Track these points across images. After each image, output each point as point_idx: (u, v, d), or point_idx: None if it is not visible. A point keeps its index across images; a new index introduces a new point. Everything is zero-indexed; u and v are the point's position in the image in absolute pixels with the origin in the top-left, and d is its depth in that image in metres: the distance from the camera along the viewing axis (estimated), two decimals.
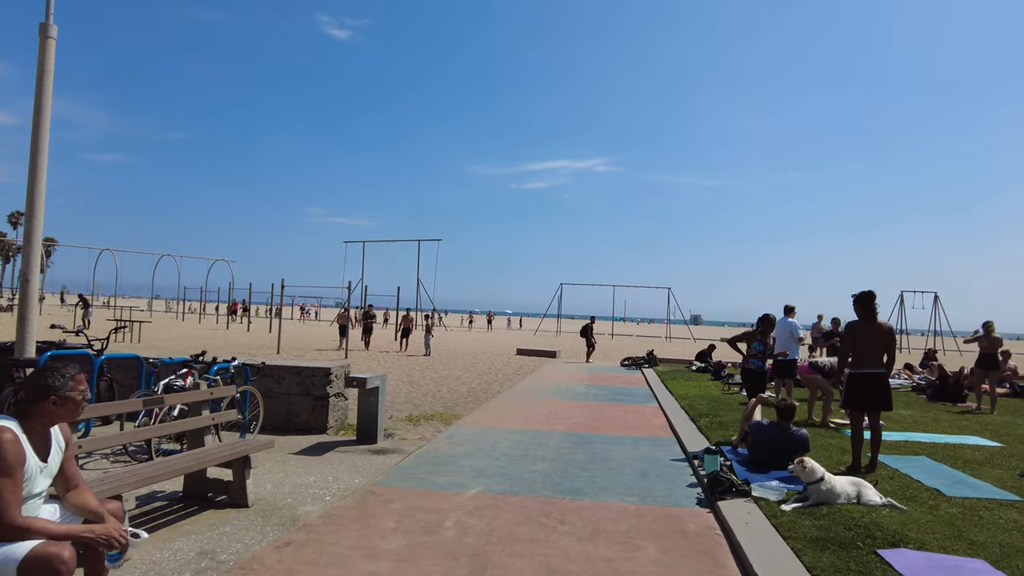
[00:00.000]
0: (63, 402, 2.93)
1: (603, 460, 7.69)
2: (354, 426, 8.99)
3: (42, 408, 2.90)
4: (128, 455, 6.62)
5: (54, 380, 2.91)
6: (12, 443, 2.72)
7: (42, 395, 2.89)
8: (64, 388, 2.93)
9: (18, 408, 2.92)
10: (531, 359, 23.87)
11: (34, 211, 7.80)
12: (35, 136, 7.84)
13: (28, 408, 2.90)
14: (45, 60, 7.87)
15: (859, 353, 7.04)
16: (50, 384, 2.90)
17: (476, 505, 5.73)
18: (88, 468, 6.22)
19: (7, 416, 2.86)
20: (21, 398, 2.98)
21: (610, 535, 5.11)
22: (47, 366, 2.98)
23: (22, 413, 2.89)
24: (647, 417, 11.10)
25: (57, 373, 2.94)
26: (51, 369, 2.95)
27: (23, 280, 7.85)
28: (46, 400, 2.90)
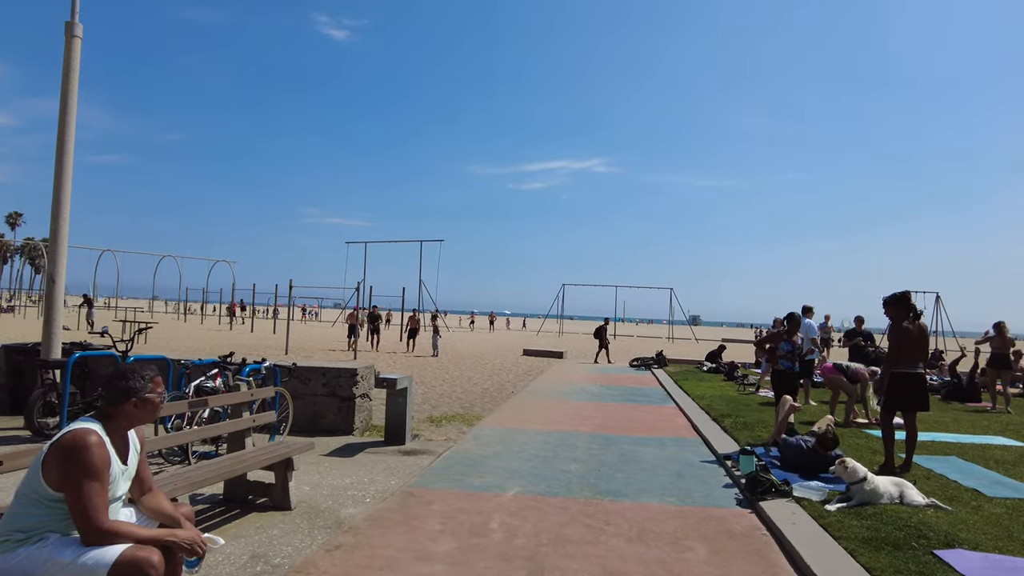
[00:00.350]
0: (143, 404, 2.89)
1: (634, 461, 7.65)
2: (378, 427, 8.96)
3: (123, 410, 2.86)
4: (162, 457, 6.57)
5: (135, 382, 2.87)
6: (99, 446, 2.68)
7: (124, 397, 2.84)
8: (144, 390, 2.89)
9: (99, 410, 2.87)
10: (539, 359, 23.84)
11: (60, 211, 7.76)
12: (61, 135, 7.79)
13: (109, 410, 2.86)
14: (71, 59, 7.83)
15: (903, 352, 7.00)
16: (131, 386, 2.85)
17: (518, 506, 5.69)
18: None
19: (91, 419, 2.81)
20: (101, 400, 2.93)
21: (658, 536, 5.08)
22: (127, 368, 2.93)
23: (104, 415, 2.85)
24: (668, 418, 11.08)
25: (137, 375, 2.89)
26: (131, 371, 2.90)
27: (49, 281, 7.80)
28: (127, 402, 2.85)
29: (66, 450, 2.62)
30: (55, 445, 2.65)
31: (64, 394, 7.04)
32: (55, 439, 2.68)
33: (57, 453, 2.63)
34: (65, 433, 2.68)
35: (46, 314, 7.82)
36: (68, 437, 2.66)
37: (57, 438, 2.67)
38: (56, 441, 2.66)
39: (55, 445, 2.65)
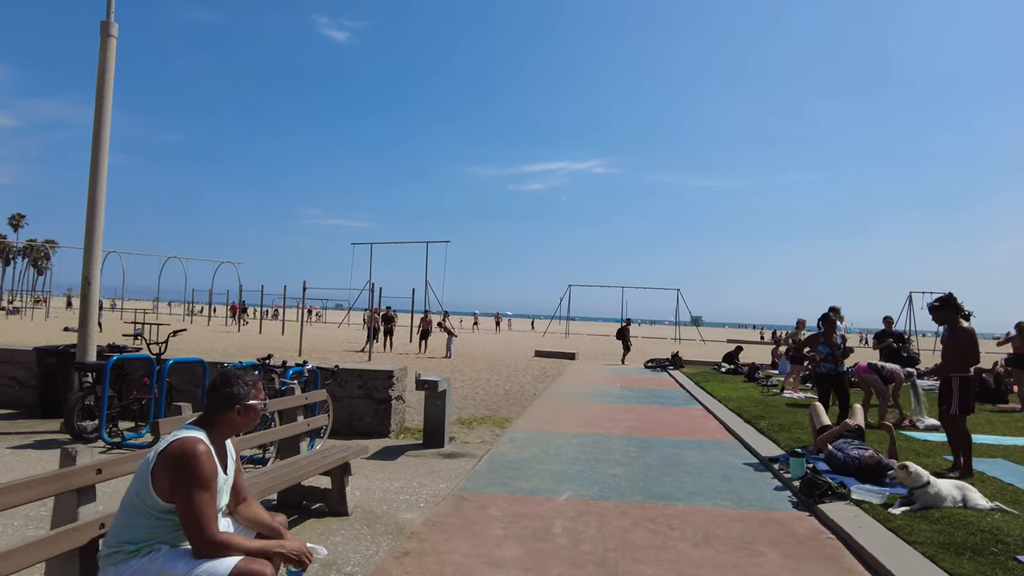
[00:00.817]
0: (246, 411, 2.79)
1: (677, 464, 7.56)
2: (412, 429, 8.88)
3: (226, 418, 2.76)
4: None
5: (239, 388, 2.77)
6: (207, 455, 2.58)
7: (228, 404, 2.74)
8: (248, 396, 2.79)
9: (202, 418, 2.77)
10: (551, 361, 23.74)
11: (95, 212, 7.66)
12: (96, 134, 7.70)
13: (213, 418, 2.76)
14: (106, 58, 7.74)
15: (976, 354, 6.87)
16: (236, 392, 2.75)
17: (575, 511, 5.60)
18: None
19: (195, 427, 2.71)
20: (204, 407, 2.83)
21: (724, 540, 4.99)
22: (231, 373, 2.83)
23: (207, 423, 2.75)
24: (698, 420, 10.98)
25: (241, 381, 2.79)
26: (236, 377, 2.80)
27: (84, 283, 7.70)
28: (231, 409, 2.75)
29: (175, 459, 2.52)
30: (163, 454, 2.55)
31: (103, 397, 6.95)
32: (162, 448, 2.57)
33: (166, 463, 2.53)
34: (173, 442, 2.58)
35: (81, 316, 7.72)
36: (176, 446, 2.56)
37: (165, 447, 2.57)
38: (164, 450, 2.56)
39: (163, 454, 2.55)
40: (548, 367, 20.97)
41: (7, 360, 9.18)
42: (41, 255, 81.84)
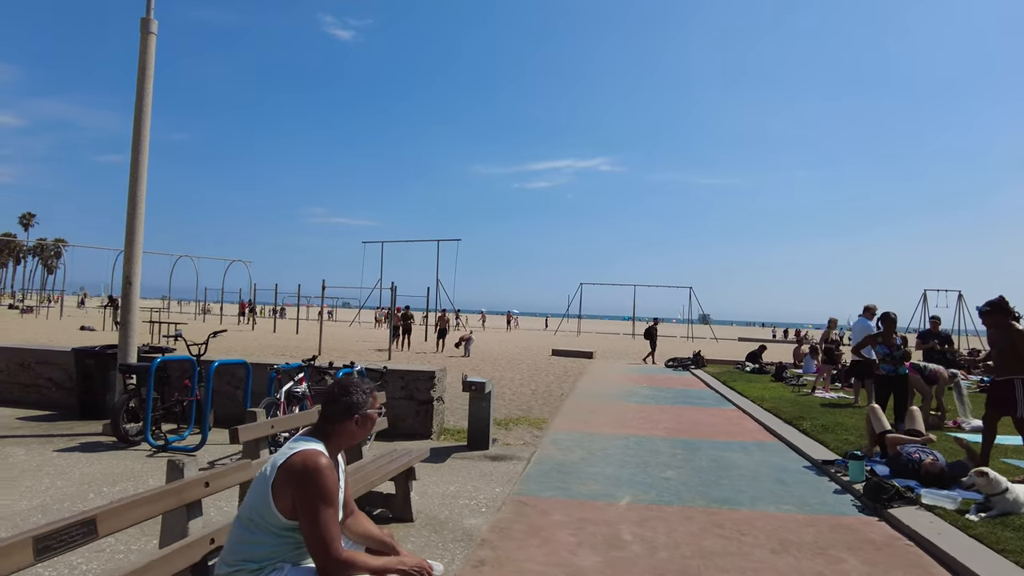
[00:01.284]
0: (364, 421, 2.65)
1: (729, 467, 7.43)
2: (451, 431, 8.77)
3: (345, 428, 2.62)
4: None
5: (358, 397, 2.63)
6: (330, 469, 2.44)
7: (348, 414, 2.60)
8: (366, 405, 2.65)
9: (319, 428, 2.63)
10: (570, 360, 23.59)
11: (135, 211, 7.57)
12: (136, 133, 7.60)
13: (331, 428, 2.62)
14: (146, 56, 7.64)
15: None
16: (356, 401, 2.62)
17: (640, 516, 5.47)
18: None
19: (311, 438, 2.56)
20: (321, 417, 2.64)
21: (800, 546, 4.86)
22: (350, 382, 2.69)
23: (324, 434, 2.60)
24: (735, 421, 10.84)
25: (359, 389, 2.65)
26: (355, 385, 2.66)
27: (125, 283, 7.61)
28: (350, 419, 2.61)
29: (298, 474, 2.39)
30: (284, 468, 2.41)
31: (148, 400, 6.85)
32: (282, 462, 2.43)
33: (289, 477, 2.39)
34: (294, 455, 2.44)
35: (122, 317, 7.62)
36: (298, 459, 2.42)
37: (285, 461, 2.43)
38: (285, 464, 2.42)
39: (284, 468, 2.41)
40: (568, 366, 20.84)
41: (43, 361, 9.11)
42: (51, 254, 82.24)
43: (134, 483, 5.53)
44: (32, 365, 9.14)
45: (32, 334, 23.35)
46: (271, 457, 2.54)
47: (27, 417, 8.19)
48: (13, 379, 9.18)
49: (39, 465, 5.94)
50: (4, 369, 9.24)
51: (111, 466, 6.04)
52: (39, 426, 7.69)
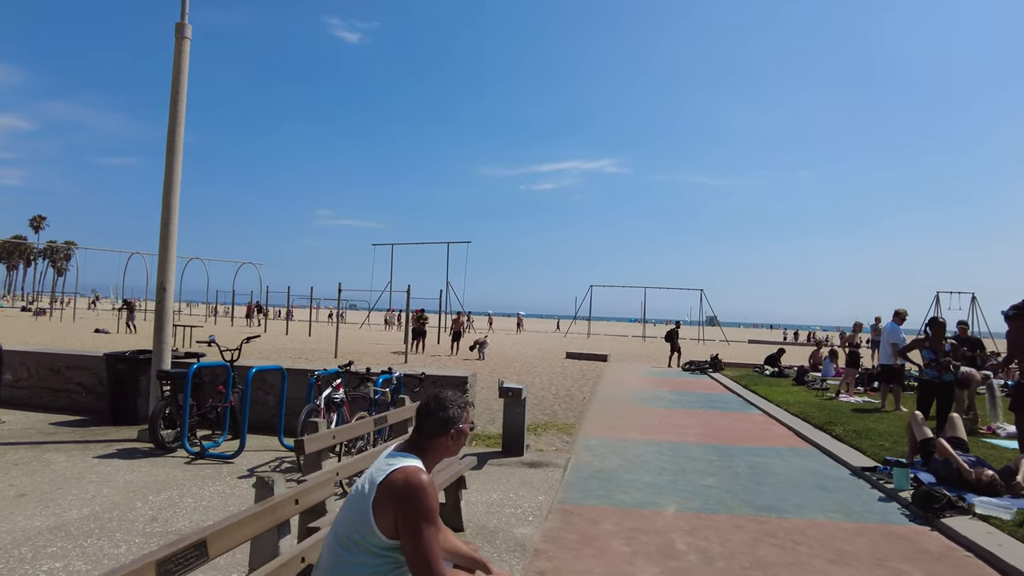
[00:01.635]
0: (458, 436, 2.59)
1: (767, 474, 7.36)
2: (481, 436, 8.71)
3: (440, 443, 2.55)
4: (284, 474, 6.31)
5: (454, 411, 2.56)
6: (433, 487, 2.38)
7: (444, 428, 2.54)
8: (461, 419, 2.59)
9: (414, 443, 2.56)
10: (585, 363, 23.50)
11: (169, 216, 7.54)
12: (170, 139, 7.58)
13: (427, 443, 2.55)
14: (181, 60, 7.62)
15: None
16: (452, 416, 2.55)
17: (689, 525, 5.41)
18: None
19: (408, 454, 2.50)
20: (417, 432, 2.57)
21: (858, 557, 4.79)
22: (446, 395, 2.59)
23: (420, 449, 2.54)
24: (762, 426, 10.75)
25: (455, 403, 2.58)
26: (451, 399, 2.58)
27: (159, 288, 7.58)
28: (446, 434, 2.55)
29: (402, 492, 2.32)
30: (385, 486, 2.35)
31: (185, 406, 6.82)
32: (382, 479, 2.36)
33: (390, 495, 2.33)
34: (394, 471, 2.37)
35: (156, 322, 7.59)
36: (400, 477, 2.35)
37: (384, 478, 2.36)
38: (386, 481, 2.35)
39: (385, 486, 2.35)
40: (584, 369, 20.75)
41: (73, 365, 9.09)
42: (61, 256, 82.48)
43: (178, 491, 5.49)
44: (62, 370, 9.13)
45: (49, 337, 23.38)
46: (367, 473, 2.48)
47: (60, 422, 8.17)
48: (43, 384, 9.17)
49: (81, 472, 5.91)
50: (34, 374, 9.23)
51: (152, 473, 6.00)
52: (74, 431, 7.67)
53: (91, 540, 4.31)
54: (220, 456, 6.74)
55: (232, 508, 5.13)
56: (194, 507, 5.10)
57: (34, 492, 5.27)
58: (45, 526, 4.53)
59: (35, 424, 7.99)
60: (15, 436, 7.30)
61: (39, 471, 5.91)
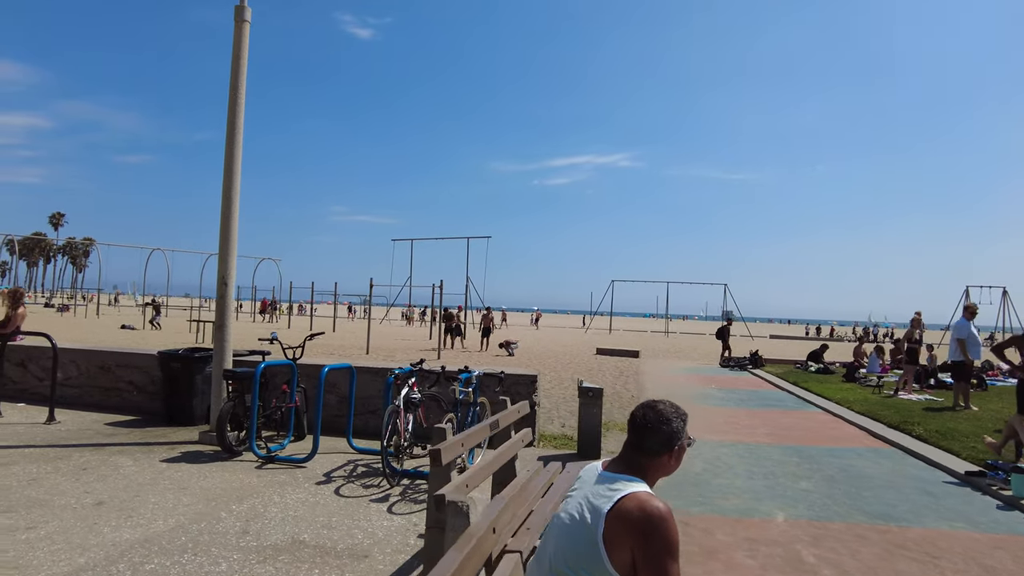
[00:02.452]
0: (680, 453, 2.20)
1: (860, 477, 6.96)
2: (547, 436, 8.37)
3: (661, 461, 2.16)
4: (357, 479, 5.97)
5: (677, 424, 2.16)
6: (672, 516, 2.00)
7: (668, 445, 2.15)
8: (684, 433, 2.20)
9: (633, 463, 2.17)
10: (618, 359, 23.11)
11: (230, 208, 7.22)
12: (230, 126, 7.26)
13: (647, 462, 2.16)
14: (240, 44, 7.30)
15: None
16: (676, 430, 2.15)
17: (808, 535, 5.03)
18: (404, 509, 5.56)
19: (631, 477, 2.11)
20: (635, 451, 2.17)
21: (1013, 574, 4.38)
22: (665, 407, 2.19)
23: (639, 468, 2.15)
24: (830, 425, 10.33)
25: (677, 415, 2.19)
26: (671, 410, 2.19)
27: (220, 284, 7.26)
28: (670, 451, 2.17)
29: (639, 523, 1.95)
30: (616, 516, 1.98)
31: (253, 407, 6.50)
32: (610, 508, 2.00)
33: (626, 527, 1.96)
34: (624, 499, 2.00)
35: (217, 319, 7.27)
36: (634, 506, 1.98)
37: (613, 506, 2.00)
38: (616, 511, 1.99)
39: (616, 516, 1.98)
40: (620, 366, 20.35)
41: (124, 364, 8.81)
42: (80, 253, 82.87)
43: (259, 500, 5.16)
44: (112, 368, 8.85)
45: (78, 333, 23.27)
46: (579, 497, 2.12)
47: (115, 422, 7.88)
48: (93, 382, 8.90)
49: (153, 478, 5.60)
50: (84, 372, 8.96)
51: (225, 480, 5.68)
52: (131, 432, 7.37)
53: (187, 556, 3.98)
54: (291, 460, 6.42)
55: (320, 518, 4.80)
56: (281, 517, 4.77)
57: (112, 500, 4.96)
58: (135, 539, 4.20)
59: (90, 424, 7.70)
60: (74, 437, 7.02)
61: (109, 476, 5.60)
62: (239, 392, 6.67)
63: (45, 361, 9.10)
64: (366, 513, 4.98)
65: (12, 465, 5.81)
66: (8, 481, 5.33)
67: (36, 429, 7.32)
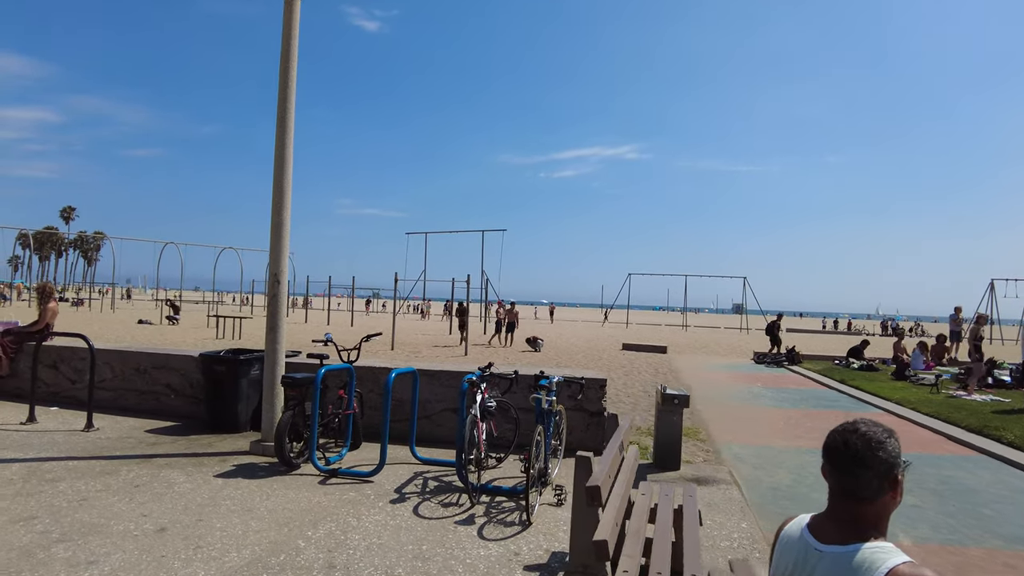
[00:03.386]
0: (899, 484, 1.68)
1: (964, 491, 6.43)
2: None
3: (884, 503, 1.66)
4: (434, 497, 5.46)
5: (892, 443, 1.66)
6: None
7: (889, 478, 1.64)
8: (900, 456, 1.69)
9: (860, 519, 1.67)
10: (647, 355, 22.54)
11: (283, 200, 6.70)
12: (281, 110, 6.73)
13: (875, 510, 1.66)
14: (291, 21, 6.76)
15: None
16: (894, 453, 1.65)
17: (949, 563, 4.51)
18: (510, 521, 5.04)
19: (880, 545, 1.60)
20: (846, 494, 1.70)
21: None
22: (868, 429, 1.69)
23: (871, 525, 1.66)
24: (900, 429, 9.74)
25: (887, 432, 1.69)
26: (874, 429, 1.68)
27: (273, 281, 6.75)
28: (894, 489, 1.66)
29: None
30: None
31: (313, 416, 5.99)
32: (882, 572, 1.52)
33: None
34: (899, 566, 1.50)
35: (269, 320, 6.75)
36: None
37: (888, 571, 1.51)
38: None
39: None
40: (652, 363, 19.79)
41: (161, 366, 8.32)
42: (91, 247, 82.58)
43: (335, 524, 4.65)
44: (148, 370, 8.36)
45: (99, 329, 22.88)
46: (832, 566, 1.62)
47: (155, 429, 7.40)
48: (129, 385, 8.41)
49: (212, 497, 5.09)
50: (119, 374, 8.47)
51: (291, 499, 5.16)
52: (175, 442, 6.88)
53: None
54: (356, 473, 5.90)
55: (409, 546, 4.28)
56: (366, 547, 4.25)
57: (173, 525, 4.45)
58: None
59: (130, 432, 7.22)
60: (117, 447, 6.53)
61: (164, 495, 5.10)
62: (298, 400, 6.16)
63: (77, 362, 8.64)
64: (456, 539, 4.46)
65: (58, 482, 5.32)
66: (57, 501, 4.84)
67: (75, 438, 6.83)
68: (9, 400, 8.56)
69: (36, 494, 4.98)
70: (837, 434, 1.75)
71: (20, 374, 8.83)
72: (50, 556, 3.85)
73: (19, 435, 6.84)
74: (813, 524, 1.81)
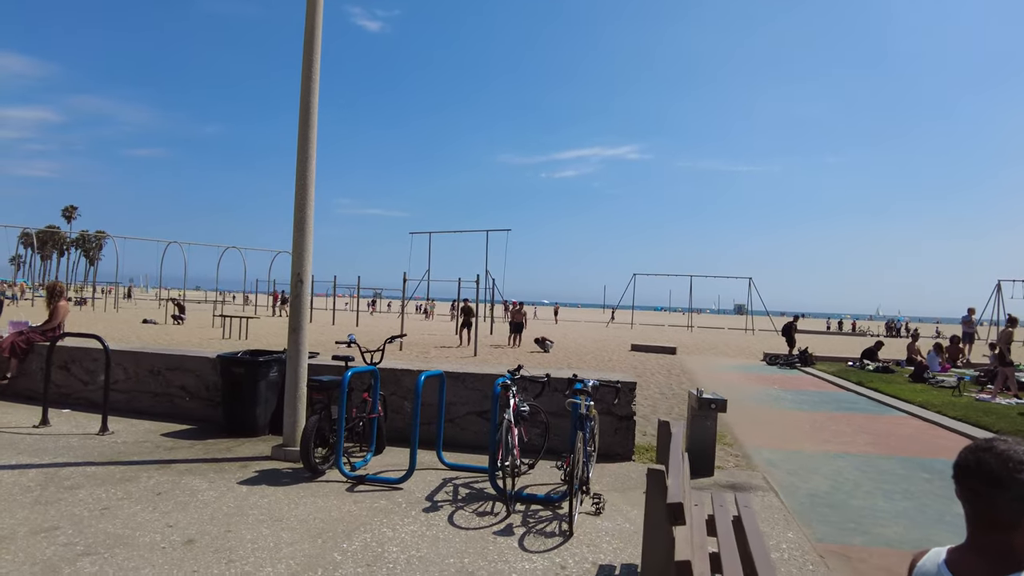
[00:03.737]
0: None
1: None
2: (641, 448, 7.64)
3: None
4: (465, 503, 5.26)
5: None
6: None
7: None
8: None
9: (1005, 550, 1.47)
10: (657, 356, 22.35)
11: (305, 197, 6.51)
12: (304, 104, 6.53)
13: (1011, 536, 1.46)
14: (314, 15, 6.54)
15: None
16: None
17: None
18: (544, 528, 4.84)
19: None
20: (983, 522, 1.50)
21: None
22: (1004, 447, 1.50)
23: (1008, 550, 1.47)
24: (927, 432, 9.59)
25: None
26: (1016, 443, 1.50)
27: (296, 281, 6.55)
28: None
29: None
30: None
31: (340, 420, 5.79)
32: None
33: None
34: None
35: (292, 321, 6.55)
36: None
37: None
38: None
39: None
40: (664, 364, 19.59)
41: (175, 367, 8.12)
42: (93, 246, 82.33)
43: (370, 535, 4.46)
44: (162, 371, 8.16)
45: (105, 329, 22.66)
46: None
47: (171, 433, 7.20)
48: (143, 387, 8.22)
49: (238, 506, 4.89)
50: (132, 376, 8.28)
51: (320, 508, 4.96)
52: (192, 446, 6.68)
53: None
54: (384, 480, 5.71)
55: (450, 559, 4.08)
56: (406, 560, 4.05)
57: (202, 537, 4.26)
58: None
59: (146, 435, 7.03)
60: (134, 452, 6.34)
61: (189, 504, 4.90)
62: (324, 403, 5.96)
63: (89, 363, 8.45)
64: (497, 550, 4.27)
65: (77, 489, 5.12)
66: (78, 510, 4.65)
67: (91, 442, 6.64)
68: (20, 401, 8.37)
69: (56, 502, 4.79)
70: (969, 452, 1.56)
71: (31, 374, 8.65)
72: (76, 571, 3.66)
73: (33, 439, 6.65)
74: (952, 559, 1.61)
